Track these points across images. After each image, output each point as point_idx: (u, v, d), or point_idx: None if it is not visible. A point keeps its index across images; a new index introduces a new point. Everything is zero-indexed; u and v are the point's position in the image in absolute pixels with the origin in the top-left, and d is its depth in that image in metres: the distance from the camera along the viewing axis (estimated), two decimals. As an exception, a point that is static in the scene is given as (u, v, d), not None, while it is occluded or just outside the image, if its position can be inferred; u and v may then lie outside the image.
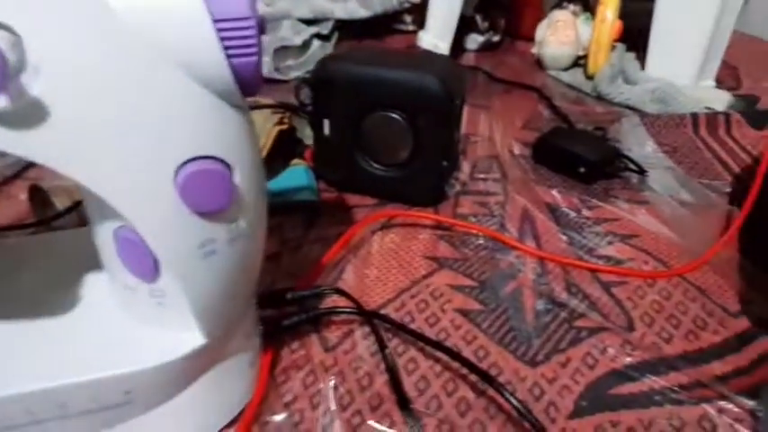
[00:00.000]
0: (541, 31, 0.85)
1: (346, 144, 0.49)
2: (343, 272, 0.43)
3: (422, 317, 0.40)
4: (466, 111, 0.72)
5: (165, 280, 0.25)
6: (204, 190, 0.22)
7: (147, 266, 0.24)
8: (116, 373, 0.25)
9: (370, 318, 0.36)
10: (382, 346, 0.34)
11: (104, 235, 0.25)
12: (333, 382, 0.34)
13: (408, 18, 1.00)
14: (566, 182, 0.56)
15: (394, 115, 0.47)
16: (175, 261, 0.24)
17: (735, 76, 0.87)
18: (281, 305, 0.35)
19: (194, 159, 0.22)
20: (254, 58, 0.22)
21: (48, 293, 0.29)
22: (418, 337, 0.35)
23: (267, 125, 0.50)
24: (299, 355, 0.36)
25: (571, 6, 0.85)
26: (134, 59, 0.20)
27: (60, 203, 0.44)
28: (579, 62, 0.84)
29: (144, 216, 0.22)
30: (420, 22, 0.97)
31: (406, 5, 0.99)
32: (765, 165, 0.44)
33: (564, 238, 0.48)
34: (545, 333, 0.39)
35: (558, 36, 0.82)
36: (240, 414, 0.31)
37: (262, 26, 0.24)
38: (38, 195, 0.46)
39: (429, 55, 0.49)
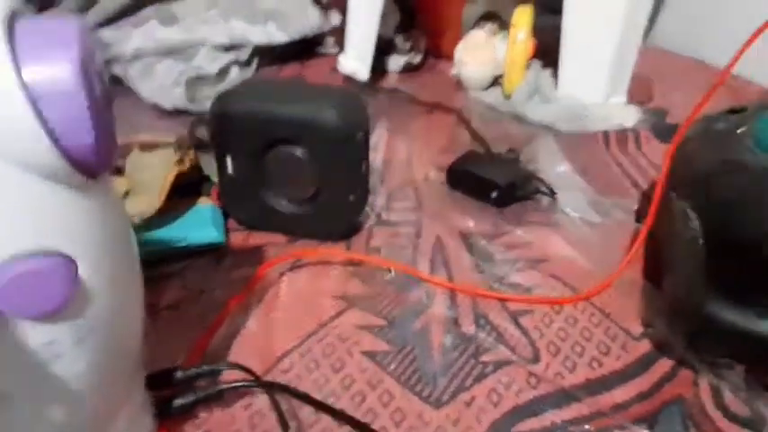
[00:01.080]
0: (459, 51, 0.85)
1: (251, 181, 0.48)
2: (246, 320, 0.42)
3: (327, 362, 0.39)
4: (385, 136, 0.72)
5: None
6: (28, 293, 0.20)
7: None
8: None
9: (269, 390, 0.35)
10: (283, 422, 0.33)
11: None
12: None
13: (330, 41, 0.99)
14: (479, 207, 0.56)
15: (295, 150, 0.46)
16: (10, 371, 0.21)
17: (647, 90, 0.90)
18: (173, 385, 0.33)
19: (14, 260, 0.20)
20: (89, 140, 0.21)
21: None
22: (314, 403, 0.34)
23: (166, 167, 0.48)
24: (198, 421, 0.34)
25: (488, 25, 0.86)
26: None
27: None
28: (498, 81, 0.85)
29: None
30: (342, 45, 0.97)
31: (327, 28, 0.98)
32: (660, 185, 0.46)
33: (474, 267, 0.48)
34: (450, 371, 0.38)
35: (475, 56, 0.83)
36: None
37: (109, 97, 0.23)
38: None
39: (328, 88, 0.48)
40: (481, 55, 0.84)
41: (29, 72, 0.19)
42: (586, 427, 0.35)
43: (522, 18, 0.78)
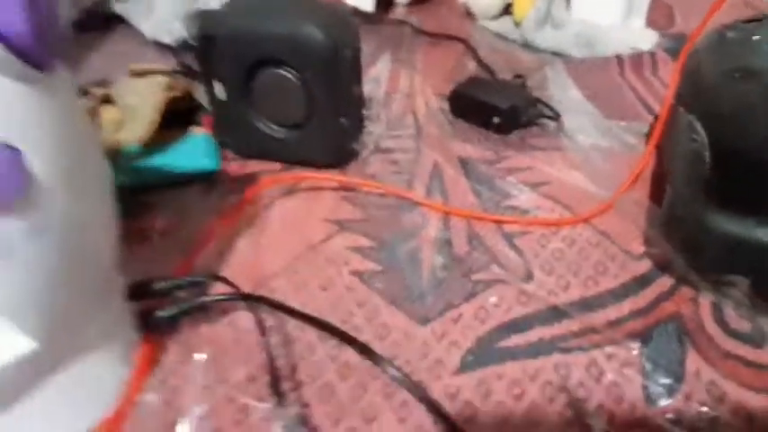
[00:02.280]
0: (469, -21, 0.82)
1: (241, 106, 0.47)
2: (236, 241, 0.41)
3: (315, 282, 0.38)
4: (389, 68, 0.70)
5: None
6: None
7: None
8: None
9: (249, 301, 0.35)
10: (262, 330, 0.33)
11: None
12: (206, 354, 0.33)
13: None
14: (482, 134, 0.54)
15: (283, 71, 0.44)
16: None
17: (668, 15, 0.85)
18: (153, 296, 0.33)
19: None
20: (24, 26, 0.20)
21: None
22: (297, 315, 0.34)
23: (156, 92, 0.47)
24: (181, 336, 0.34)
25: (499, -48, 0.82)
26: None
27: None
28: (509, 10, 0.81)
29: None
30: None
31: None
32: (668, 100, 0.43)
33: (472, 191, 0.47)
34: (439, 289, 0.38)
35: (484, -17, 0.79)
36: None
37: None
38: None
39: (314, 3, 0.46)
40: (491, -19, 0.80)
41: None
42: (575, 341, 0.34)
43: (534, -60, 0.74)
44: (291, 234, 0.42)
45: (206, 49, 0.45)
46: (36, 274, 0.23)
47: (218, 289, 0.36)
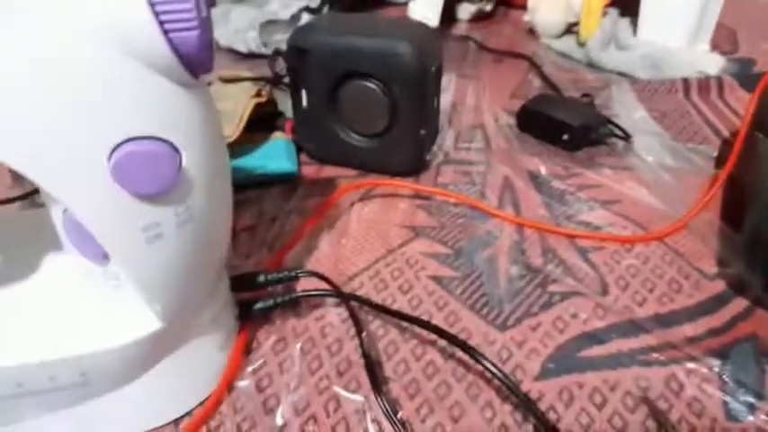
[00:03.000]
0: (533, -2, 0.83)
1: (325, 115, 0.49)
2: (320, 241, 0.43)
3: (395, 284, 0.40)
4: (454, 81, 0.72)
5: (115, 263, 0.25)
6: (141, 172, 0.22)
7: (94, 249, 0.24)
8: (71, 355, 0.25)
9: (346, 300, 0.36)
10: (359, 329, 0.35)
11: (56, 217, 0.25)
12: (299, 345, 0.34)
13: (401, -11, 0.98)
14: (550, 150, 0.56)
15: (369, 84, 0.46)
16: (119, 246, 0.23)
17: (732, 40, 0.85)
18: (254, 288, 0.35)
19: (130, 140, 0.22)
20: (193, 33, 0.22)
21: (11, 272, 0.29)
22: (390, 312, 0.35)
23: (245, 98, 0.50)
24: (273, 327, 0.36)
25: (564, -28, 0.83)
26: (60, 33, 0.20)
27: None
28: (572, 29, 0.82)
29: (79, 200, 0.22)
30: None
31: (398, -24, 0.98)
32: (745, 126, 0.44)
33: (544, 205, 0.48)
34: (517, 298, 0.39)
35: (549, 3, 0.80)
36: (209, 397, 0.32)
37: (209, 2, 0.24)
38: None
39: (403, 22, 0.48)
40: (556, 2, 0.81)
41: None
42: (654, 355, 0.34)
43: (602, -39, 0.75)
44: (370, 237, 0.44)
45: (298, 60, 0.47)
46: (175, 259, 0.25)
47: (307, 285, 0.38)
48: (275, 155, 0.50)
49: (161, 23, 0.21)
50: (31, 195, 0.45)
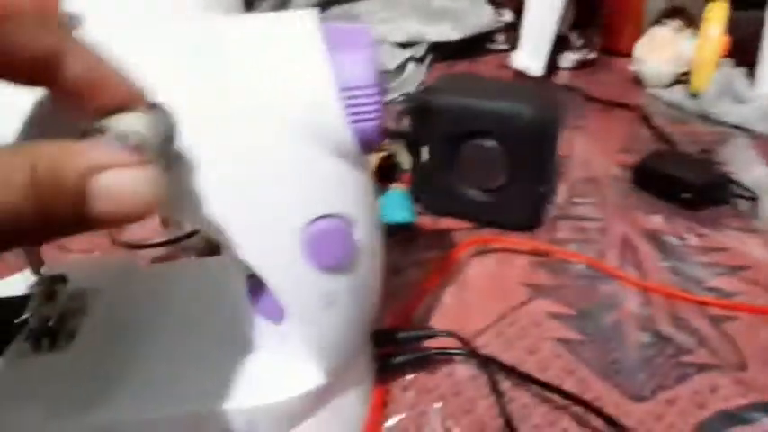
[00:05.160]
0: (641, 47, 0.82)
1: (443, 169, 0.51)
2: (442, 296, 0.44)
3: (522, 344, 0.40)
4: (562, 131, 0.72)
5: (288, 324, 0.27)
6: (328, 247, 0.24)
7: (272, 309, 0.26)
8: (243, 407, 0.27)
9: (483, 362, 0.37)
10: (497, 392, 0.35)
11: (237, 277, 0.28)
12: (440, 404, 0.35)
13: (501, 38, 1.00)
14: (669, 208, 0.54)
15: (490, 143, 0.47)
16: (299, 310, 0.26)
17: None
18: (394, 344, 0.37)
19: (320, 218, 0.24)
20: (375, 122, 0.24)
21: (185, 318, 0.32)
22: (529, 379, 0.36)
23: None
24: (406, 383, 0.37)
25: (673, 23, 0.82)
26: (265, 126, 0.22)
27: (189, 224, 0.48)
28: (681, 79, 0.81)
29: (271, 269, 0.24)
30: (512, 41, 0.97)
31: (499, 25, 0.99)
32: None
33: (668, 268, 0.47)
34: (649, 367, 0.38)
35: (659, 53, 0.79)
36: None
37: (384, 89, 0.26)
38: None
39: (524, 84, 0.50)
40: (665, 51, 0.80)
41: (338, 68, 0.23)
42: (808, 442, 0.33)
43: (717, 13, 0.73)
44: (491, 294, 0.45)
45: (421, 117, 0.49)
46: (344, 322, 0.27)
47: (441, 343, 0.39)
48: (394, 205, 0.52)
49: (349, 115, 0.23)
50: (179, 241, 0.49)
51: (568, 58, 0.91)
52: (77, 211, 0.16)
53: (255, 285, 0.26)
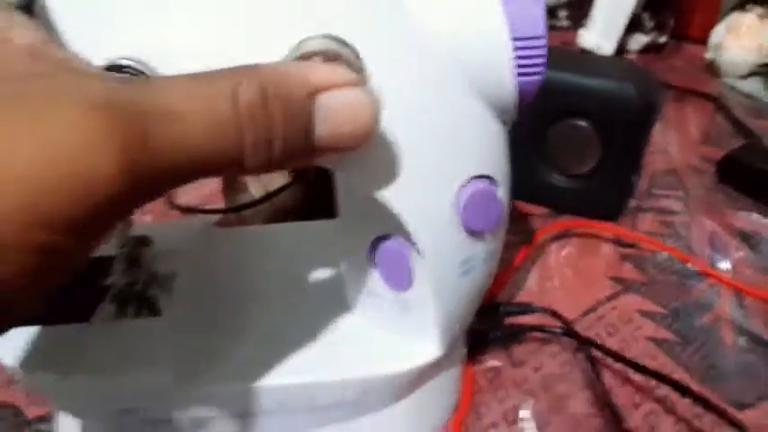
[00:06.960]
0: (719, 34, 0.78)
1: (528, 151, 0.48)
2: (526, 280, 0.43)
3: (612, 341, 0.38)
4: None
5: (417, 292, 0.25)
6: (480, 210, 0.23)
7: (402, 277, 0.25)
8: (359, 376, 0.26)
9: (582, 343, 0.36)
10: (596, 372, 0.34)
11: (358, 241, 0.26)
12: (532, 402, 0.34)
13: (563, 14, 0.96)
14: (759, 207, 0.52)
15: (583, 123, 0.45)
16: (436, 277, 0.24)
17: None
18: (494, 318, 0.36)
19: (474, 179, 0.22)
20: (539, 77, 0.22)
21: (280, 290, 0.31)
22: (635, 367, 0.34)
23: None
24: (491, 368, 0.36)
25: (757, 9, 0.78)
26: (434, 73, 0.21)
27: (254, 191, 0.46)
28: (758, 71, 0.77)
29: (423, 231, 0.23)
30: (575, 19, 0.93)
31: (562, 0, 0.95)
32: None
33: (762, 269, 0.44)
34: (748, 375, 0.36)
35: (740, 41, 0.75)
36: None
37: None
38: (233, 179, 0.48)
39: (620, 61, 0.47)
40: (748, 40, 0.76)
41: (510, 16, 0.21)
42: None
43: (810, 0, 0.69)
44: (576, 284, 0.43)
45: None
46: (474, 292, 0.26)
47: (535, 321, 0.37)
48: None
49: (516, 67, 0.22)
50: (240, 209, 0.46)
51: (638, 41, 0.87)
52: (307, 135, 0.14)
53: (387, 253, 0.25)
